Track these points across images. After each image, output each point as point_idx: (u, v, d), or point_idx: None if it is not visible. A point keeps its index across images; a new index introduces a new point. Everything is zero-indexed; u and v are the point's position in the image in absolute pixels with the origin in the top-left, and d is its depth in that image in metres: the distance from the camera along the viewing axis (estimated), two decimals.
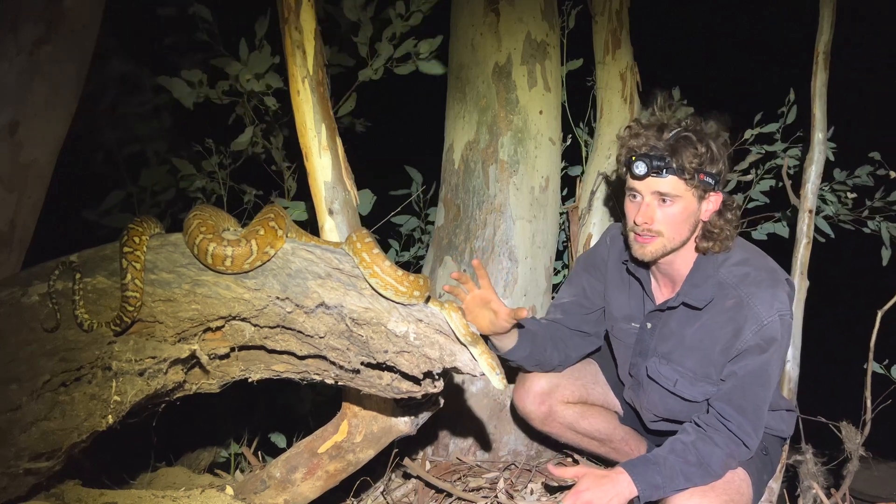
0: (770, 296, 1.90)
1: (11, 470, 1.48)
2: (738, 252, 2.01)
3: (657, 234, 1.94)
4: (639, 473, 1.82)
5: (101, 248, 1.68)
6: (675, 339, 2.05)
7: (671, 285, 2.09)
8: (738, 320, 1.91)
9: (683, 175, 1.88)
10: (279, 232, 1.67)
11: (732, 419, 1.87)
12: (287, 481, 1.92)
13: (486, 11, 2.79)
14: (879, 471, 3.02)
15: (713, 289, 1.96)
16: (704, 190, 1.92)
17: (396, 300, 1.66)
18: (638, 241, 1.97)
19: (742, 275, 1.95)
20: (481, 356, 1.69)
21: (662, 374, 2.06)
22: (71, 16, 2.12)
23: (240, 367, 1.77)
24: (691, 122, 1.97)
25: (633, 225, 1.97)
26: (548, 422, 2.26)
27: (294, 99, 1.95)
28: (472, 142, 2.78)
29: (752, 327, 1.89)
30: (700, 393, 2.00)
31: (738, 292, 1.93)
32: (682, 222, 1.94)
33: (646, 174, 1.90)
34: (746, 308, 1.91)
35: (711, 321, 1.97)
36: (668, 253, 1.98)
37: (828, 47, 2.51)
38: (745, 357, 1.91)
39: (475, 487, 2.35)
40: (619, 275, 2.22)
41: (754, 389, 1.90)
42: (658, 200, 1.93)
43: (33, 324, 1.53)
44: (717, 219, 1.97)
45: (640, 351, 2.14)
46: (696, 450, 1.84)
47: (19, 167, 2.09)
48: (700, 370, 2.00)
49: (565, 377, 2.27)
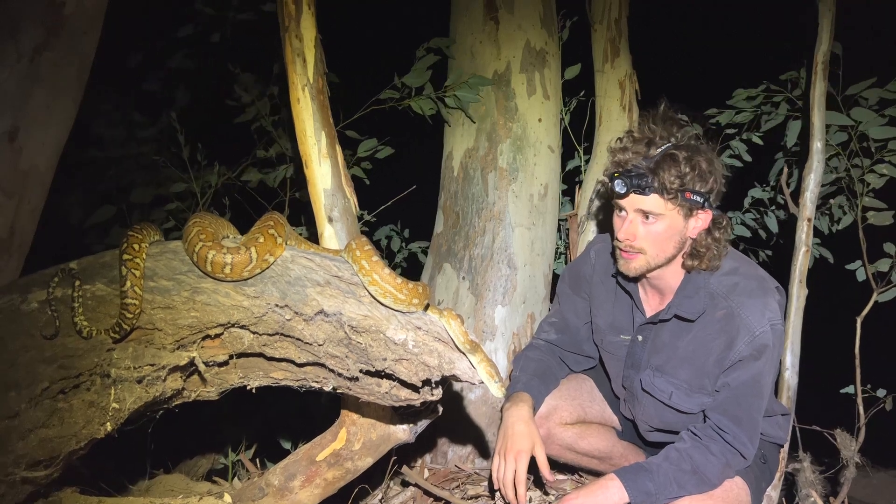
0: (761, 305, 1.89)
1: (9, 477, 1.47)
2: (728, 261, 1.99)
3: (640, 252, 1.92)
4: (630, 480, 1.82)
5: (101, 255, 1.68)
6: (667, 350, 2.03)
7: (660, 297, 2.07)
8: (730, 331, 1.90)
9: (665, 195, 1.85)
10: (278, 239, 1.67)
11: (728, 430, 1.86)
12: (285, 489, 1.91)
13: (486, 19, 2.80)
14: (877, 478, 3.02)
15: (705, 300, 1.95)
16: (691, 208, 1.89)
17: (395, 308, 1.66)
18: (623, 256, 1.95)
19: (731, 285, 1.94)
20: (480, 364, 1.69)
21: (657, 386, 2.04)
22: (71, 22, 2.12)
23: (238, 375, 1.77)
24: (683, 138, 1.92)
25: (616, 241, 1.95)
26: (547, 444, 2.19)
27: (294, 107, 1.95)
28: (472, 149, 2.78)
29: (744, 338, 1.88)
30: (696, 405, 1.99)
31: (728, 303, 1.92)
32: (665, 240, 1.90)
33: (626, 192, 1.87)
34: (737, 319, 1.90)
35: (703, 332, 1.96)
36: (652, 269, 1.96)
37: (826, 57, 2.52)
38: (739, 368, 1.90)
39: (473, 495, 2.35)
40: (606, 288, 2.19)
41: (749, 399, 1.89)
42: (641, 217, 1.90)
43: (32, 331, 1.53)
44: (704, 237, 1.93)
45: (633, 364, 2.12)
46: (691, 458, 1.84)
47: (19, 173, 2.08)
48: (695, 382, 1.98)
49: (562, 398, 2.24)
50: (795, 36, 2.84)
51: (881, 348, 2.73)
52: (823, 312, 2.71)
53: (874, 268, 2.78)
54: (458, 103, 2.76)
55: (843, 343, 2.71)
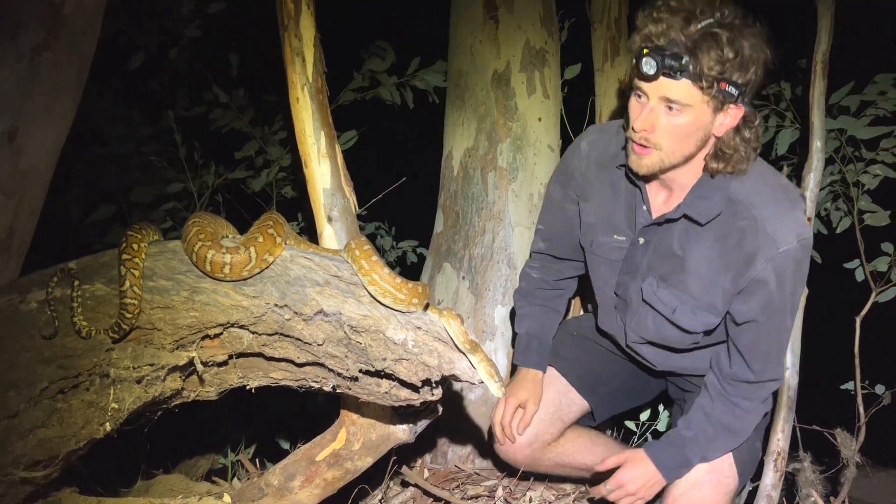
0: (790, 218, 1.68)
1: (8, 478, 1.47)
2: (756, 169, 1.76)
3: (654, 147, 1.67)
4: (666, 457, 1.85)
5: (100, 254, 1.68)
6: (674, 260, 1.81)
7: (668, 195, 1.83)
8: (751, 245, 1.69)
9: (700, 82, 1.57)
10: (278, 239, 1.66)
11: (758, 372, 1.76)
12: (285, 489, 1.91)
13: (486, 19, 2.80)
14: (878, 478, 3.02)
15: (721, 204, 1.71)
16: (723, 101, 1.61)
17: (395, 307, 1.66)
18: (635, 150, 1.70)
19: (755, 192, 1.71)
20: (480, 364, 1.68)
21: (660, 298, 1.84)
22: (71, 22, 2.12)
23: (238, 375, 1.77)
24: (730, 14, 1.59)
25: (631, 131, 1.69)
26: (535, 466, 2.21)
27: (293, 106, 1.95)
28: (471, 148, 2.78)
29: (766, 253, 1.67)
30: (701, 323, 1.82)
31: (751, 212, 1.70)
32: (687, 136, 1.65)
33: (655, 74, 1.58)
34: (760, 232, 1.68)
35: (719, 243, 1.74)
36: (666, 170, 1.72)
37: (826, 56, 2.52)
38: (760, 291, 1.71)
39: (473, 495, 2.35)
40: (601, 182, 1.93)
41: (777, 328, 1.75)
42: (664, 107, 1.63)
43: (31, 331, 1.53)
44: (732, 136, 1.67)
45: (629, 269, 1.91)
46: (721, 422, 1.82)
47: (18, 173, 2.08)
48: (703, 299, 1.79)
49: (543, 422, 2.13)
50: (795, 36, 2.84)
51: (881, 348, 2.73)
52: (822, 312, 2.71)
53: (873, 266, 2.78)
54: (426, 85, 2.78)
55: (843, 343, 2.71)
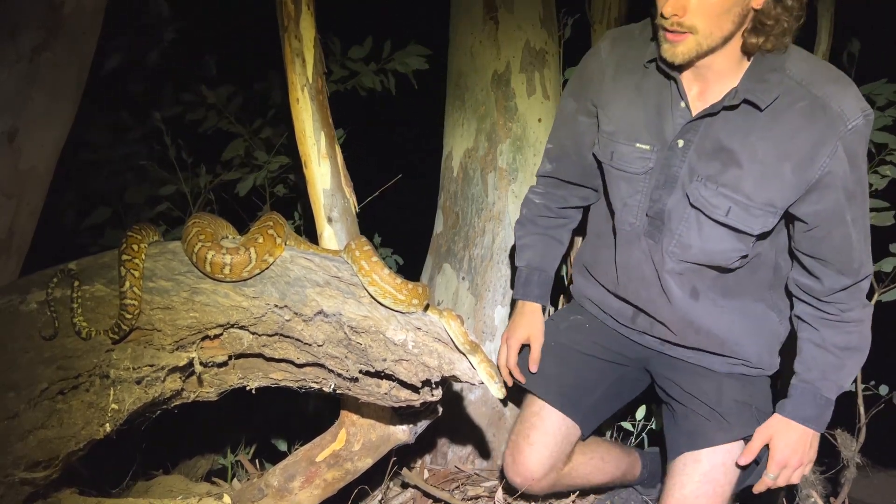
0: (851, 94, 1.56)
1: (8, 478, 1.47)
2: (796, 49, 1.62)
3: (689, 31, 1.53)
4: (806, 409, 1.79)
5: (100, 255, 1.68)
6: (724, 156, 1.65)
7: (702, 88, 1.69)
8: (816, 127, 1.56)
9: None
10: (278, 240, 1.67)
11: (856, 272, 1.67)
12: (285, 490, 1.91)
13: (485, 19, 2.80)
14: (878, 479, 3.01)
15: (781, 86, 1.57)
16: None
17: (395, 308, 1.66)
18: (668, 38, 1.57)
19: (810, 69, 1.58)
20: (480, 364, 1.68)
21: (710, 200, 1.68)
22: (71, 23, 2.12)
23: (238, 376, 1.77)
24: None
25: (660, 18, 1.56)
26: (552, 490, 2.17)
27: (293, 107, 1.95)
28: (471, 149, 2.78)
29: (836, 132, 1.54)
30: (759, 225, 1.67)
31: (811, 91, 1.57)
32: (723, 13, 1.50)
33: None
34: (826, 110, 1.55)
35: (778, 130, 1.60)
36: (703, 54, 1.58)
37: (826, 57, 2.52)
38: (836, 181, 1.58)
39: (473, 496, 2.35)
40: (625, 84, 1.79)
41: (862, 215, 1.64)
42: None
43: (31, 331, 1.53)
44: (772, 6, 1.51)
45: (665, 181, 1.74)
46: (837, 346, 1.75)
47: (18, 174, 2.08)
48: (758, 196, 1.64)
49: (554, 453, 2.06)
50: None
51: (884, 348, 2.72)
52: None
53: (878, 267, 2.78)
54: (406, 68, 2.79)
55: None
